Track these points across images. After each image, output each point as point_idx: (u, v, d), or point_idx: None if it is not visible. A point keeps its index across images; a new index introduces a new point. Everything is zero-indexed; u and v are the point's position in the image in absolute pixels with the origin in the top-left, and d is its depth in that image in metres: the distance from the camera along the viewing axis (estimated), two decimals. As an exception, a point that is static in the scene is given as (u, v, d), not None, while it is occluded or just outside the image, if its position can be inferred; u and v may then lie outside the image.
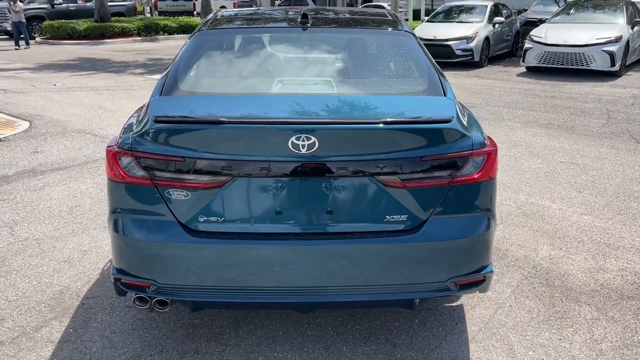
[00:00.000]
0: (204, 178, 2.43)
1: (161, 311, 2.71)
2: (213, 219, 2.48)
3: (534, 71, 12.65)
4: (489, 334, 3.03)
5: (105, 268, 3.75)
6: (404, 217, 2.50)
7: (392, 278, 2.52)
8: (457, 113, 2.58)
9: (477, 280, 2.64)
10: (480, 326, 3.10)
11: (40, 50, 18.14)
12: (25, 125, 7.93)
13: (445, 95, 2.79)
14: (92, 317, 3.19)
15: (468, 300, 3.32)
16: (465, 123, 2.61)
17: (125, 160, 2.49)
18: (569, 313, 3.24)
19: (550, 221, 4.54)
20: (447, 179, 2.49)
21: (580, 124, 7.84)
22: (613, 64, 11.41)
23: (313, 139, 2.35)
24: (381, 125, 2.41)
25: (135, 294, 2.62)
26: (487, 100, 9.51)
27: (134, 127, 2.62)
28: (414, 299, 2.66)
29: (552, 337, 3.01)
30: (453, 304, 3.29)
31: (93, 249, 4.03)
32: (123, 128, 2.74)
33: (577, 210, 4.77)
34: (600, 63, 11.51)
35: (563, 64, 11.89)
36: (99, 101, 9.74)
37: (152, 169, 2.46)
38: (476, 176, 2.52)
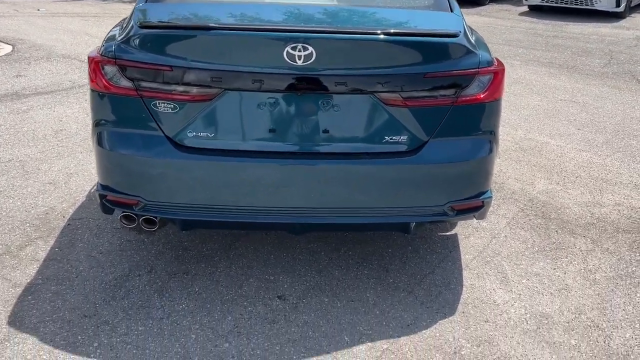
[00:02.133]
0: (193, 90, 2.28)
1: (149, 230, 2.62)
2: (203, 134, 2.35)
3: (536, 10, 12.27)
4: (482, 262, 3.00)
5: (92, 190, 3.64)
6: (403, 138, 2.39)
7: (388, 201, 2.43)
8: (464, 29, 2.42)
9: (475, 205, 2.57)
10: (474, 255, 3.06)
11: (23, -25, 17.31)
12: (7, 48, 7.61)
13: (452, 11, 2.63)
14: (79, 238, 3.10)
15: (462, 230, 3.27)
16: (472, 40, 2.46)
17: (109, 69, 2.33)
18: (564, 244, 3.20)
19: (548, 157, 4.46)
20: (450, 98, 2.36)
21: (582, 63, 7.65)
22: (618, 5, 11.08)
23: (310, 49, 2.20)
24: (384, 37, 2.25)
25: (122, 212, 2.52)
26: (488, 38, 9.17)
27: (118, 35, 2.44)
28: (409, 223, 2.59)
29: (546, 266, 2.98)
30: (447, 233, 3.24)
31: (79, 172, 3.91)
32: (106, 36, 2.56)
33: (575, 146, 4.69)
34: (605, 3, 11.17)
35: (567, 3, 11.53)
36: (85, 27, 9.36)
37: (137, 79, 2.30)
38: (481, 96, 2.39)
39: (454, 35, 2.33)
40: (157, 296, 2.64)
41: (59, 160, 4.10)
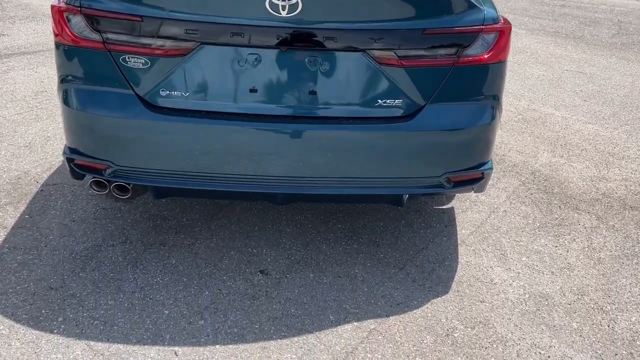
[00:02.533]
0: (166, 43, 2.05)
1: (122, 198, 2.44)
2: (176, 93, 2.13)
3: (544, -21, 11.85)
4: (480, 238, 2.82)
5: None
6: (398, 102, 2.18)
7: (380, 170, 2.23)
8: (468, -20, 2.18)
9: (474, 177, 2.37)
10: (472, 230, 2.88)
11: None
12: (-8, 7, 7.29)
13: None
14: (51, 205, 2.91)
15: (460, 204, 3.09)
16: (476, -6, 2.22)
17: (73, 19, 2.10)
18: (567, 220, 3.02)
19: (552, 128, 4.24)
20: (451, 58, 2.14)
21: (590, 33, 7.36)
22: (629, -26, 10.67)
23: (296, -2, 1.96)
24: (378, -14, 2.01)
25: (92, 177, 2.33)
26: (493, 5, 8.90)
27: (85, -19, 2.20)
28: (402, 195, 2.40)
29: (547, 243, 2.80)
30: (443, 207, 3.05)
31: (57, 135, 3.69)
32: (73, -17, 2.31)
33: (581, 118, 4.47)
34: (615, -28, 10.75)
35: (576, -28, 11.11)
36: (74, -13, 8.98)
37: (104, 30, 2.07)
38: (485, 57, 2.17)
39: (457, -13, 2.10)
40: (130, 268, 2.46)
41: (37, 122, 3.88)
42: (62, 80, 2.23)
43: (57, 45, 2.19)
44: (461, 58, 2.15)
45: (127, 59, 2.10)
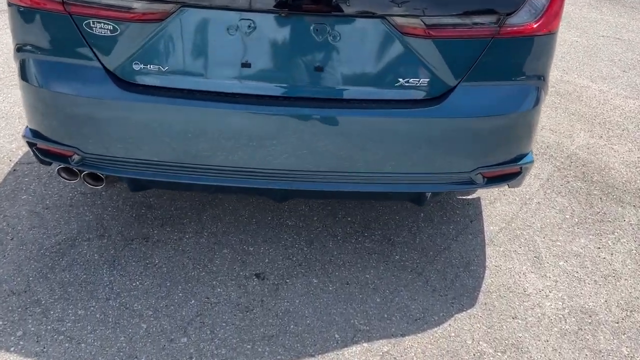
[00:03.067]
0: (138, 5, 1.66)
1: (95, 187, 2.09)
2: (153, 67, 1.75)
3: None
4: (510, 236, 2.45)
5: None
6: (424, 82, 1.78)
7: (399, 164, 1.85)
8: None
9: (511, 172, 1.99)
10: (501, 226, 2.51)
11: None
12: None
13: None
14: (23, 188, 2.58)
15: (486, 194, 2.71)
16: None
17: (27, -27, 1.70)
18: (609, 216, 2.63)
19: (589, 103, 3.80)
20: (491, 28, 1.73)
21: (627, -6, 6.76)
22: None
23: (299, -51, 1.55)
24: None
25: (59, 165, 1.98)
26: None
27: None
28: (425, 193, 2.03)
29: (588, 244, 2.43)
30: (468, 197, 2.68)
31: (38, 105, 3.32)
32: None
33: (621, 92, 4.01)
34: None
35: None
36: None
37: (64, -12, 1.68)
38: (533, 26, 1.75)
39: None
40: (106, 269, 2.13)
41: (16, 90, 3.51)
42: (18, 49, 1.85)
43: (11, 7, 1.80)
44: (503, 28, 1.73)
45: (91, 25, 1.71)
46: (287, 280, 2.13)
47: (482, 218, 2.55)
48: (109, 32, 1.71)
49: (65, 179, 2.04)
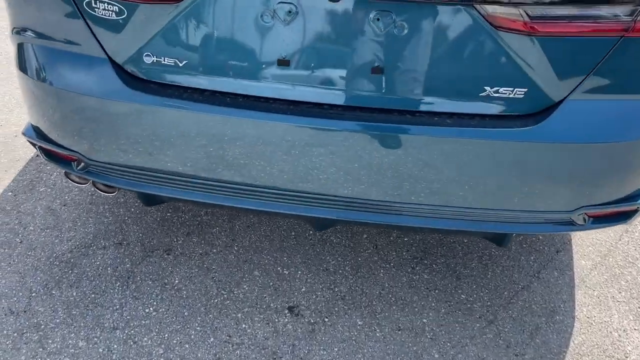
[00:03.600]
0: (148, -18, 1.28)
1: (107, 193, 1.78)
2: (168, 60, 1.38)
3: None
4: (607, 275, 1.97)
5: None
6: (520, 93, 1.32)
7: (479, 197, 1.42)
8: None
9: (624, 211, 1.52)
10: (595, 261, 2.03)
11: None
12: None
13: None
14: (43, 178, 2.32)
15: (578, 215, 2.21)
16: None
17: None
18: None
19: None
20: (621, 22, 1.24)
21: None
22: None
23: None
24: None
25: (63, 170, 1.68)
26: None
27: None
28: (509, 234, 1.59)
29: None
30: (554, 218, 2.19)
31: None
32: None
33: None
34: None
35: None
36: None
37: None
38: (685, 22, 1.24)
39: None
40: (118, 287, 1.84)
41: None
42: (16, 31, 1.53)
43: (4, -21, 1.48)
44: (638, 24, 1.24)
45: (93, 5, 1.35)
46: (326, 319, 1.76)
47: (571, 248, 2.08)
48: (114, 15, 1.35)
49: (74, 182, 1.75)
